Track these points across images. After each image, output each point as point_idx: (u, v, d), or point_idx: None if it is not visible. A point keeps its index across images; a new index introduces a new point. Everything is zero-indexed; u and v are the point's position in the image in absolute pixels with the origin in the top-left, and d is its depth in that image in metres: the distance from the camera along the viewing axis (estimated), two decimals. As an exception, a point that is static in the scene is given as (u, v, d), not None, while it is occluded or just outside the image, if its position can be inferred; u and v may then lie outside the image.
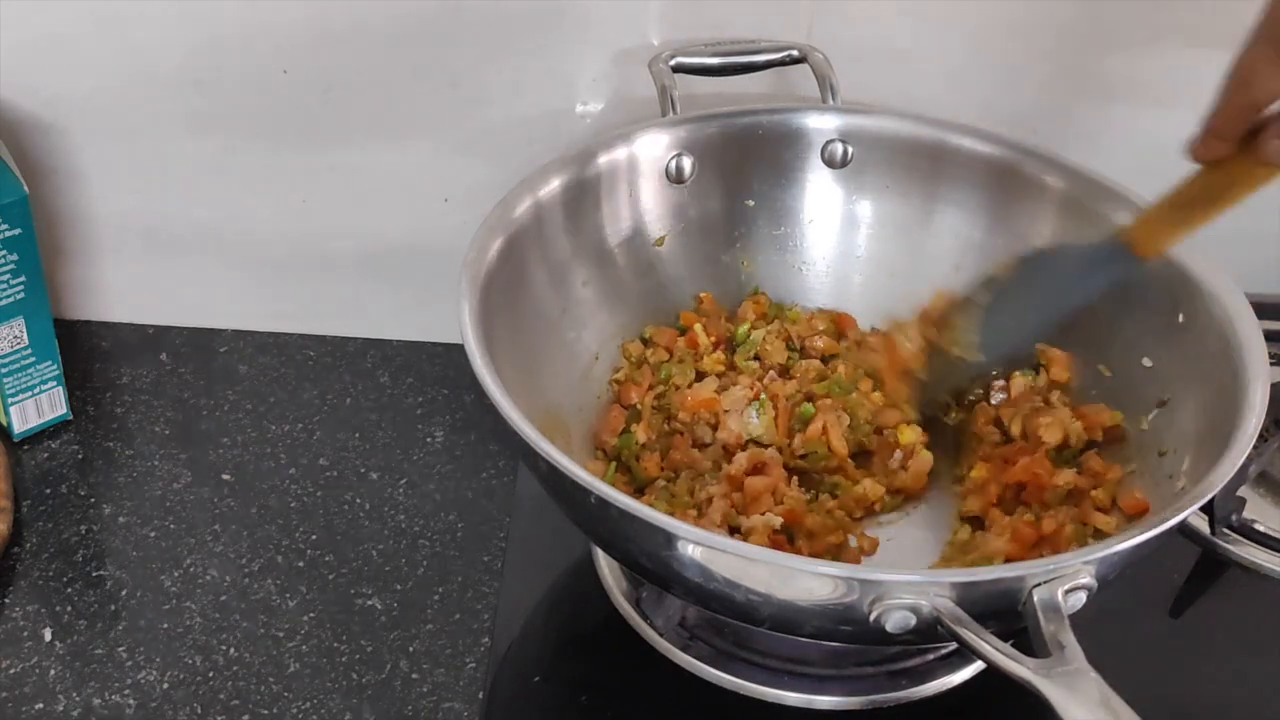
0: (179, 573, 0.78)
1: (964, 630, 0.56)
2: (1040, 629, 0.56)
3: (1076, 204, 0.79)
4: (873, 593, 0.57)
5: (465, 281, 0.69)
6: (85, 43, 0.83)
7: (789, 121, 0.82)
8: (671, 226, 0.82)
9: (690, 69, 0.81)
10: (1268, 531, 0.79)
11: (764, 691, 0.71)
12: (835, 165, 0.83)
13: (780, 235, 0.84)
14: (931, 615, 0.57)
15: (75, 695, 0.71)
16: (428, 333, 0.93)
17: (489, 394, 0.63)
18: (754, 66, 0.82)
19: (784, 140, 0.83)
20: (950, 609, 0.56)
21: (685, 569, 0.60)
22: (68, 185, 0.88)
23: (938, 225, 0.83)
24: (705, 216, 0.83)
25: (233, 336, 0.93)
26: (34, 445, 0.85)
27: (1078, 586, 0.57)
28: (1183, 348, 0.73)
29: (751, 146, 0.82)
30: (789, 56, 0.82)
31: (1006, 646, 0.55)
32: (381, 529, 0.81)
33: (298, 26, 0.82)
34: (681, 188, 0.82)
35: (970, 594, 0.57)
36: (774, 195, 0.84)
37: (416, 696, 0.72)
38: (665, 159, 0.81)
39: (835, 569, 0.59)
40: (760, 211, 0.84)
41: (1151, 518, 0.62)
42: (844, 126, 0.82)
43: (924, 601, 0.56)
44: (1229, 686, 0.74)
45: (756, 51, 0.82)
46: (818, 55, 0.82)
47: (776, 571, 0.59)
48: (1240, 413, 0.65)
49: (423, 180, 0.88)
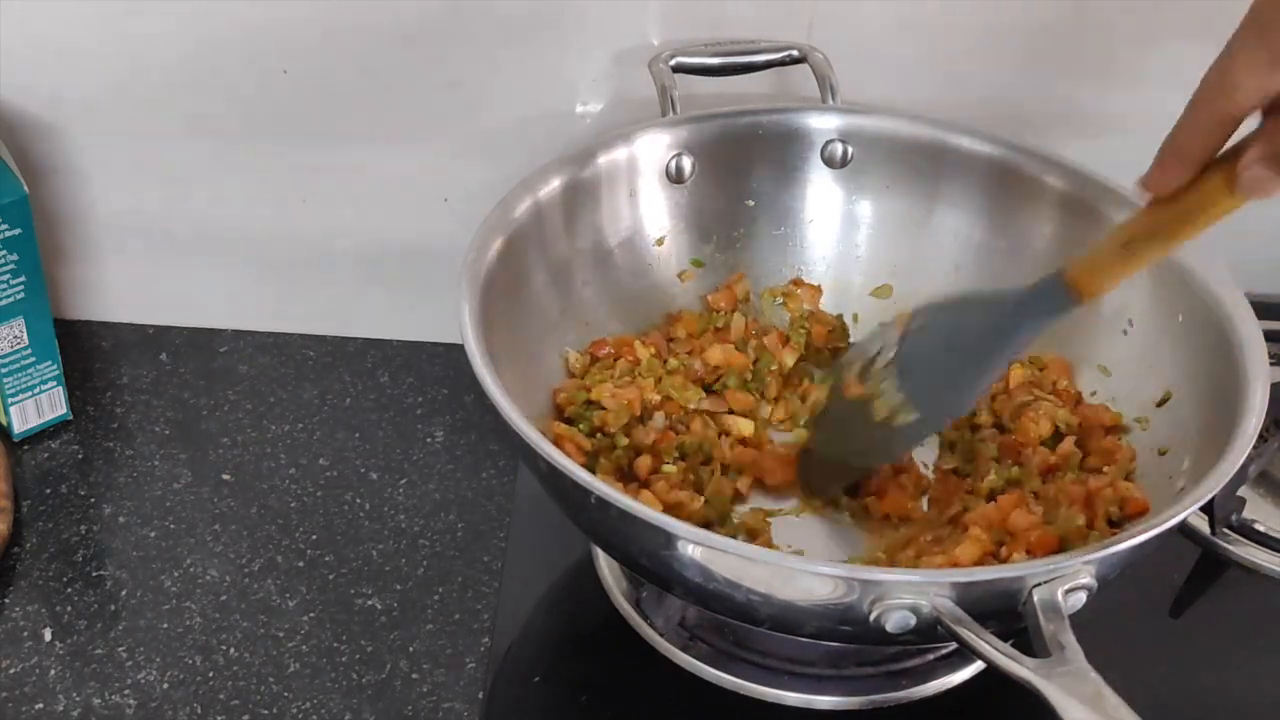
0: (179, 573, 0.78)
1: (964, 630, 0.56)
2: (1040, 629, 0.56)
3: (1077, 203, 0.79)
4: (873, 593, 0.57)
5: (465, 282, 0.69)
6: (85, 43, 0.83)
7: (789, 121, 0.82)
8: (671, 226, 0.82)
9: (690, 69, 0.81)
10: (1268, 531, 0.79)
11: (764, 691, 0.71)
12: (835, 165, 0.83)
13: (780, 235, 0.84)
14: (931, 615, 0.57)
15: (75, 695, 0.71)
16: (428, 333, 0.93)
17: (489, 395, 0.63)
18: (754, 66, 0.82)
19: (784, 140, 0.83)
20: (950, 609, 0.57)
21: (685, 569, 0.60)
22: (68, 185, 0.88)
23: (938, 225, 0.83)
24: (705, 216, 0.83)
25: (233, 336, 0.93)
26: (34, 445, 0.85)
27: (1078, 586, 0.58)
28: (1183, 348, 0.73)
29: (752, 146, 0.82)
30: (789, 56, 0.82)
31: (1006, 646, 0.55)
32: (381, 529, 0.81)
33: (298, 26, 0.82)
34: (681, 188, 0.82)
35: (970, 594, 0.57)
36: (774, 195, 0.84)
37: (416, 696, 0.72)
38: (665, 159, 0.81)
39: (835, 569, 0.59)
40: (760, 212, 0.84)
41: (1152, 517, 0.62)
42: (844, 126, 0.82)
43: (924, 601, 0.57)
44: (1229, 686, 0.74)
45: (756, 51, 0.82)
46: (818, 55, 0.82)
47: (776, 572, 0.59)
48: (1240, 413, 0.65)
49: (422, 180, 0.88)
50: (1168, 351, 0.74)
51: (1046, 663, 0.55)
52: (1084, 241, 0.77)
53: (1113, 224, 0.75)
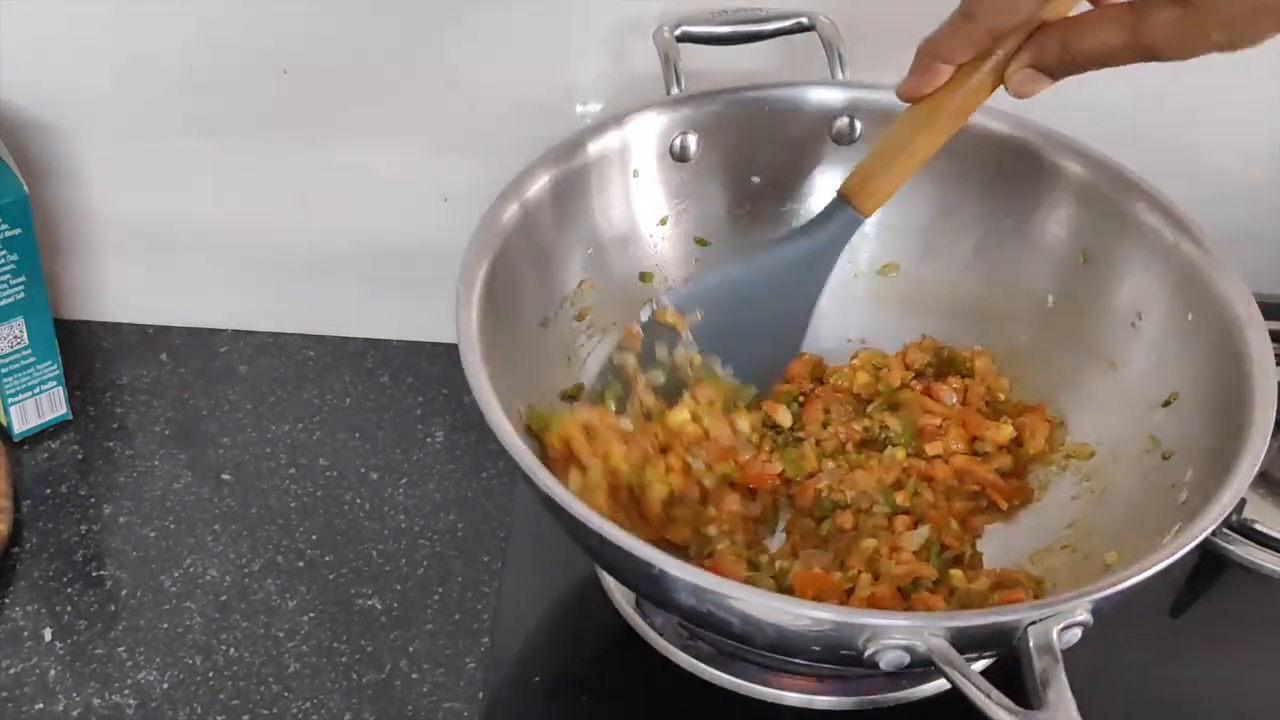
0: (179, 573, 0.78)
1: (954, 672, 0.55)
2: (1032, 669, 0.55)
3: (1092, 189, 0.78)
4: (866, 633, 0.56)
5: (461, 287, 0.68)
6: (85, 43, 0.83)
7: (796, 96, 0.81)
8: (674, 206, 0.81)
9: (696, 38, 0.80)
10: (1268, 531, 0.79)
11: (764, 691, 0.71)
12: (844, 141, 0.82)
13: (786, 212, 0.83)
14: (926, 654, 0.56)
15: (75, 695, 0.71)
16: (428, 333, 0.93)
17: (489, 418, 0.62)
18: (762, 35, 0.80)
19: (791, 116, 0.81)
20: (943, 649, 0.55)
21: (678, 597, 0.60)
22: (68, 185, 0.88)
23: (947, 204, 0.82)
24: (710, 195, 0.82)
25: (233, 336, 0.93)
26: (34, 445, 0.85)
27: (1073, 624, 0.57)
28: (1191, 348, 0.73)
29: (758, 123, 0.81)
30: (797, 24, 0.80)
31: (997, 694, 0.54)
32: (381, 529, 0.81)
33: (298, 26, 0.82)
34: (686, 166, 0.81)
35: (965, 635, 0.56)
36: (781, 172, 0.82)
37: (416, 696, 0.72)
38: (670, 137, 0.79)
39: (828, 612, 0.58)
40: (766, 188, 0.82)
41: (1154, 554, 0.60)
42: (852, 101, 0.81)
43: (918, 642, 0.56)
44: (1229, 686, 0.74)
45: (764, 20, 0.81)
46: (826, 23, 0.80)
47: (770, 611, 0.58)
48: (1246, 432, 0.64)
49: (422, 180, 0.88)
50: (1175, 350, 0.73)
51: (1033, 716, 0.53)
52: (1097, 228, 0.78)
53: (1128, 213, 0.75)
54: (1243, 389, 0.67)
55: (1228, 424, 0.66)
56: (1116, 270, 0.77)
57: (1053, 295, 0.80)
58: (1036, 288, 0.80)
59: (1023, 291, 0.80)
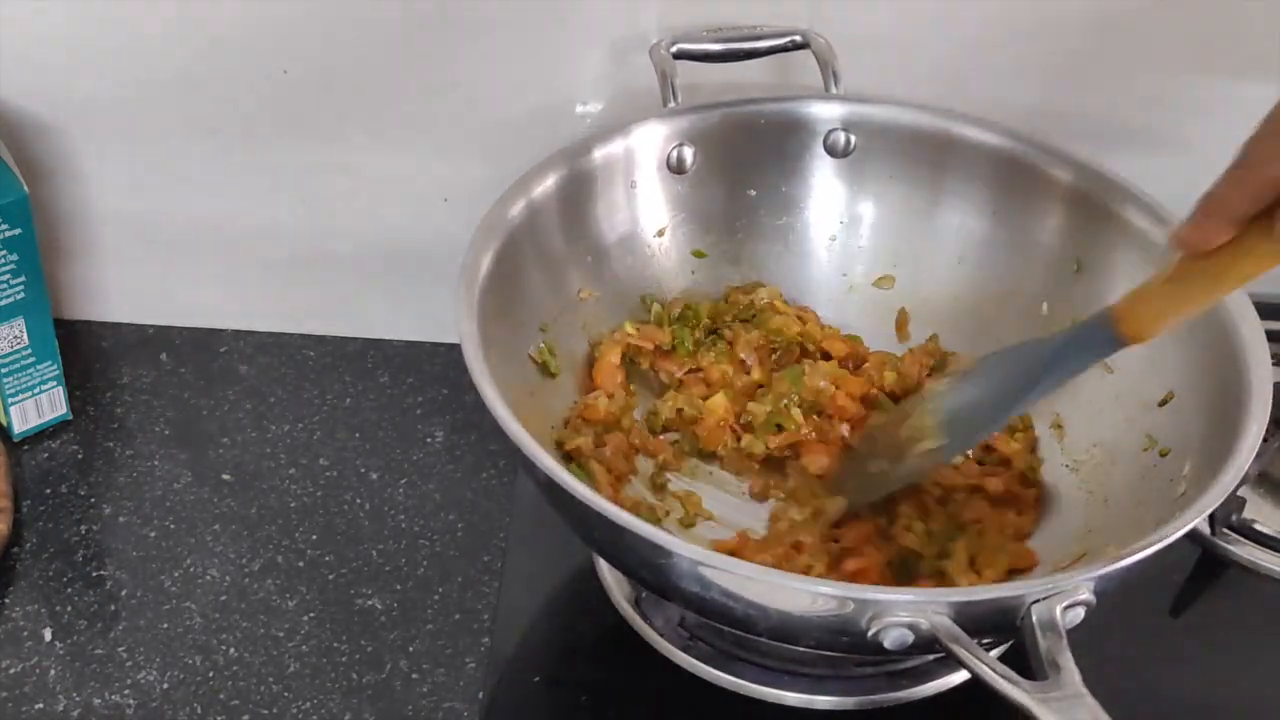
0: (179, 573, 0.78)
1: (960, 649, 0.55)
2: (1036, 647, 0.55)
3: (1084, 197, 0.78)
4: (870, 610, 0.57)
5: (462, 290, 0.68)
6: (85, 43, 0.83)
7: (791, 110, 0.82)
8: (672, 217, 0.82)
9: (692, 55, 0.80)
10: (1268, 531, 0.79)
11: (764, 691, 0.71)
12: (838, 154, 0.82)
13: (782, 225, 0.84)
14: (929, 633, 0.56)
15: (75, 695, 0.71)
16: (428, 333, 0.93)
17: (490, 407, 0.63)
18: (757, 53, 0.81)
19: (786, 129, 0.82)
20: (947, 627, 0.56)
21: (682, 581, 0.60)
22: (68, 185, 0.88)
23: (942, 216, 0.82)
24: (706, 207, 0.82)
25: (233, 336, 0.93)
26: (34, 445, 0.85)
27: (1076, 603, 0.57)
28: (1186, 346, 0.73)
29: (753, 136, 0.82)
30: (792, 42, 0.81)
31: (1003, 667, 0.54)
32: (381, 529, 0.81)
33: (298, 26, 0.82)
34: (682, 178, 0.81)
35: (968, 612, 0.57)
36: (776, 185, 0.83)
37: (416, 696, 0.72)
38: (666, 149, 0.80)
39: (832, 588, 0.58)
40: (762, 201, 0.83)
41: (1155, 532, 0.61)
42: (847, 115, 0.81)
43: (922, 620, 0.56)
44: (1229, 686, 0.74)
45: (759, 37, 0.81)
46: (820, 40, 0.81)
47: (773, 589, 0.59)
48: (1242, 422, 0.65)
49: (422, 180, 0.88)
50: (1171, 349, 0.74)
51: (1042, 686, 0.54)
52: (1089, 236, 0.78)
53: (1119, 220, 0.75)
54: (1239, 384, 0.67)
55: (1224, 418, 0.67)
56: (1110, 276, 0.77)
57: (1047, 303, 0.80)
58: (1031, 297, 0.80)
59: (1017, 300, 0.81)
